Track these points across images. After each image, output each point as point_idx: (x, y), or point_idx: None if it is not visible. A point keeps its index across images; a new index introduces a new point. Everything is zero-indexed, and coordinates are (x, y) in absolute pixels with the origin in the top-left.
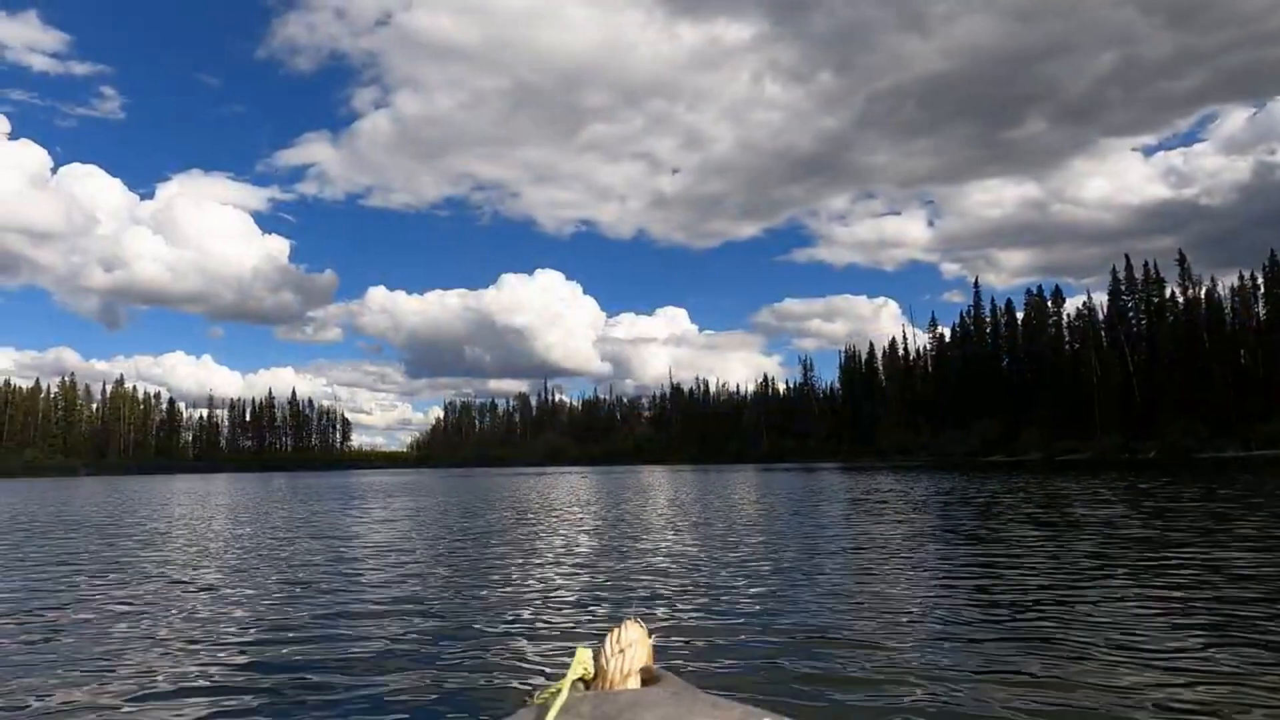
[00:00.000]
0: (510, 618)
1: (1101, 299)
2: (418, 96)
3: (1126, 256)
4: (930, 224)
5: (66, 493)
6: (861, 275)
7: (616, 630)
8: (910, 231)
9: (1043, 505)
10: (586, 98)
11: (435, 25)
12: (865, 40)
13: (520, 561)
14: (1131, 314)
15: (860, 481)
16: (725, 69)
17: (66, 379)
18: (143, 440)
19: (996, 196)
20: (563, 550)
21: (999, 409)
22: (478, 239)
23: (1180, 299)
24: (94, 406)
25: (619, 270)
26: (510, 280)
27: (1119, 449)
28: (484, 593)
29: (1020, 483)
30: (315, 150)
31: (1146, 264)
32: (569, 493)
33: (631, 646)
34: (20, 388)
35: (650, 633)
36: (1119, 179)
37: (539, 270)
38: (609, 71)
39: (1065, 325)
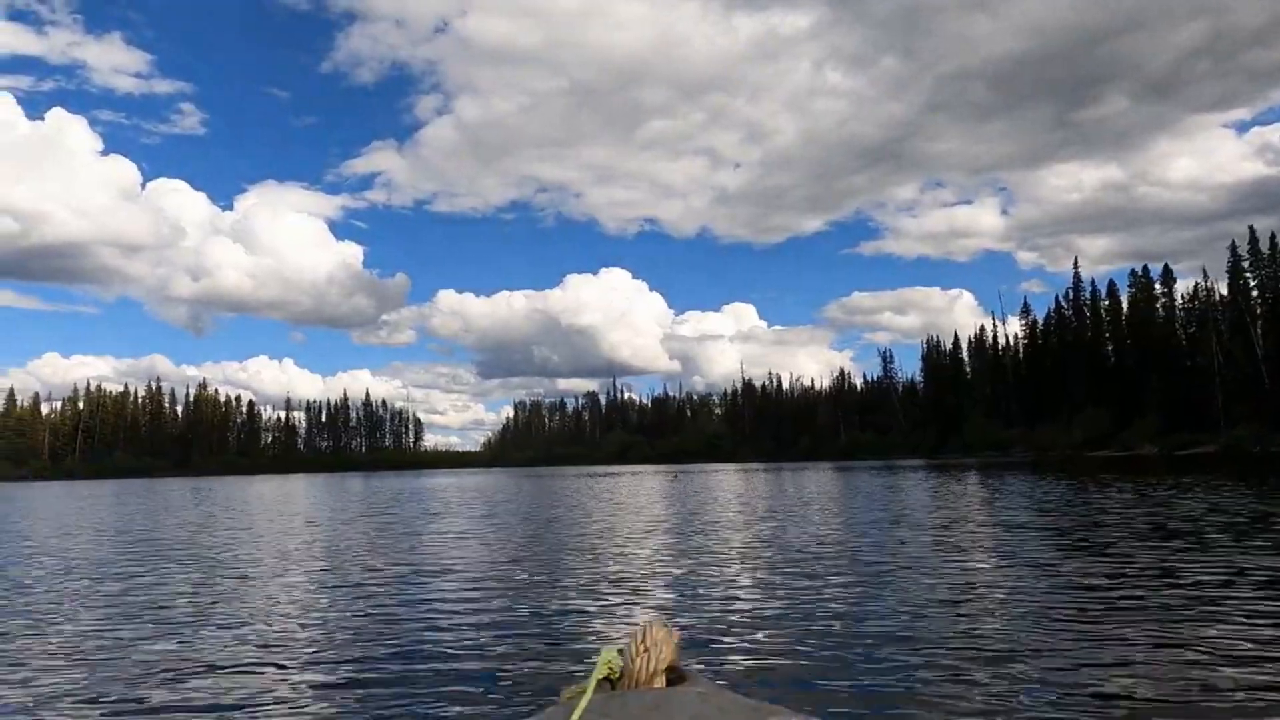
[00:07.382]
0: (550, 619)
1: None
2: (478, 101)
3: (1251, 229)
4: (1003, 212)
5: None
6: (932, 267)
7: (642, 630)
8: (982, 220)
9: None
10: (645, 95)
11: (492, 30)
12: (929, 22)
13: (573, 569)
14: (1256, 293)
15: (959, 484)
16: (784, 59)
17: (153, 384)
18: (224, 442)
19: (1075, 180)
20: (619, 558)
21: (1103, 400)
22: (542, 240)
23: None
24: (178, 410)
25: (684, 268)
26: (575, 280)
27: (1249, 442)
28: (529, 595)
29: (1151, 483)
30: (382, 158)
31: (1274, 237)
32: (637, 501)
33: (657, 646)
34: (110, 393)
35: (676, 633)
36: (1209, 158)
37: (604, 270)
38: (666, 67)
39: (1178, 308)
